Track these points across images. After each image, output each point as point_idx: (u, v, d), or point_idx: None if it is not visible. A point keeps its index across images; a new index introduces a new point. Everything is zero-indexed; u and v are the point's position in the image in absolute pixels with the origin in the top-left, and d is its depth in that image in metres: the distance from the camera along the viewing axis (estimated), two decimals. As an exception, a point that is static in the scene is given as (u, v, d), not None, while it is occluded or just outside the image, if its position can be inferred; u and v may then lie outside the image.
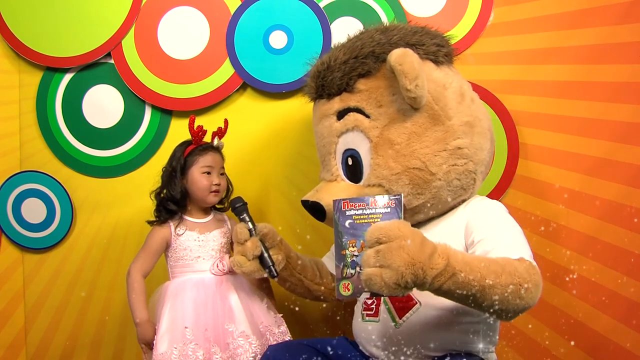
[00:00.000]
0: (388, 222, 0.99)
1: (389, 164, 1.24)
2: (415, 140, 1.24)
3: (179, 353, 1.34)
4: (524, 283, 1.02)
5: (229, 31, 1.75)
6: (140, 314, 1.43)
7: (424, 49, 1.28)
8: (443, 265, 0.95)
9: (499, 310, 1.02)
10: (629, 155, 1.57)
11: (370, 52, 1.27)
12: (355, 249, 1.09)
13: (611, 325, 1.56)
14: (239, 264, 1.34)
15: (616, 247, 1.57)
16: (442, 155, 1.23)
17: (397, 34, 1.28)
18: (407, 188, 1.23)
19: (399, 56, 1.18)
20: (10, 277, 1.83)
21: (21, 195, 1.82)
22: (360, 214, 1.10)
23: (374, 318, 1.29)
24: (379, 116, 1.26)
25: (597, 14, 1.61)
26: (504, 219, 1.23)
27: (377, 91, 1.27)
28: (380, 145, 1.26)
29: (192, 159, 1.48)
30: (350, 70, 1.28)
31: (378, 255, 0.93)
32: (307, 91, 1.43)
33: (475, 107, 1.31)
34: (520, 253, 1.09)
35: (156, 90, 1.77)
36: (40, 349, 1.84)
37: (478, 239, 1.18)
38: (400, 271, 0.91)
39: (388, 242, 0.93)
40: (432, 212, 1.28)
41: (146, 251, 1.48)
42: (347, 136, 1.31)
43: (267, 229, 1.37)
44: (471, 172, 1.27)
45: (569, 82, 1.63)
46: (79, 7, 1.79)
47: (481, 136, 1.29)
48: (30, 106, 1.83)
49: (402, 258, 0.91)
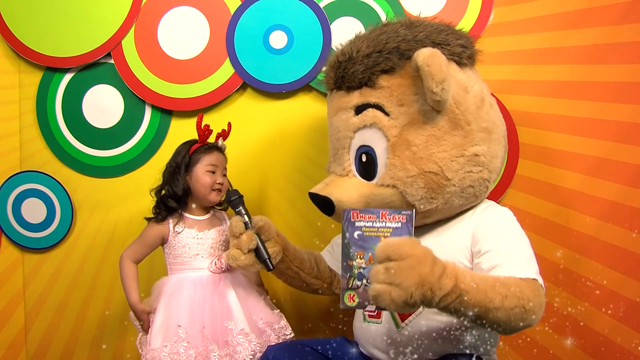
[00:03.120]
0: (400, 239, 0.99)
1: (405, 166, 1.22)
2: (433, 143, 1.21)
3: (169, 351, 1.34)
4: (528, 305, 1.04)
5: (229, 31, 1.75)
6: (131, 297, 1.47)
7: (449, 49, 1.24)
8: (451, 286, 0.96)
9: (501, 329, 1.05)
10: (629, 155, 1.57)
11: (395, 47, 1.22)
12: (362, 261, 1.08)
13: (611, 325, 1.56)
14: (234, 258, 1.33)
15: (616, 247, 1.57)
16: (459, 161, 1.21)
17: (423, 31, 1.24)
18: (422, 192, 1.21)
19: (428, 56, 1.14)
20: (10, 277, 1.83)
21: (21, 195, 1.82)
22: (370, 227, 1.08)
23: (376, 320, 1.29)
24: (399, 115, 1.23)
25: (597, 14, 1.61)
26: (511, 231, 1.22)
27: (400, 89, 1.23)
28: (397, 146, 1.23)
29: (197, 157, 1.49)
30: (374, 65, 1.24)
31: (388, 273, 0.93)
32: (325, 80, 1.38)
33: (493, 112, 1.29)
34: (528, 272, 1.11)
35: (156, 90, 1.77)
36: (40, 349, 1.84)
37: (485, 250, 1.17)
38: (410, 291, 0.92)
39: (399, 261, 0.93)
40: (441, 216, 1.27)
41: (140, 242, 1.50)
42: (364, 132, 1.27)
43: (262, 221, 1.36)
44: (485, 180, 1.25)
45: (569, 82, 1.63)
46: (79, 7, 1.78)
47: (497, 143, 1.27)
48: (30, 106, 1.83)
49: (413, 279, 0.92)
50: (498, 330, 1.06)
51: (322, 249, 1.56)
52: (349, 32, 1.69)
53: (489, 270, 1.14)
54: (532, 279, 1.10)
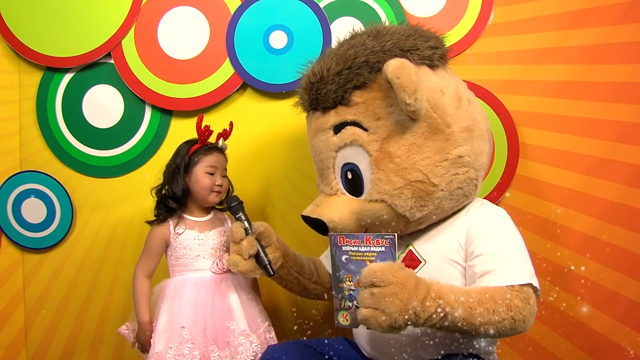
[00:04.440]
0: (383, 265, 1.04)
1: (390, 179, 1.21)
2: (415, 151, 1.20)
3: (174, 352, 1.34)
4: (518, 316, 1.08)
5: (229, 31, 1.75)
6: (140, 316, 1.44)
7: (419, 53, 1.23)
8: (434, 307, 1.01)
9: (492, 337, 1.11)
10: (629, 155, 1.57)
11: (364, 61, 1.21)
12: (351, 283, 1.14)
13: (611, 325, 1.56)
14: (235, 264, 1.34)
15: (616, 247, 1.57)
16: (443, 165, 1.20)
17: (390, 40, 1.23)
18: (410, 202, 1.20)
19: (396, 68, 1.13)
20: (10, 277, 1.84)
21: (21, 195, 1.82)
22: (355, 251, 1.13)
23: None
24: (378, 129, 1.22)
25: (597, 14, 1.61)
26: (504, 231, 1.22)
27: (374, 103, 1.22)
28: (380, 160, 1.22)
29: (196, 158, 1.48)
30: (345, 82, 1.23)
31: (373, 298, 1.00)
32: (300, 103, 1.37)
33: (472, 109, 1.28)
34: (521, 276, 1.12)
35: (156, 90, 1.77)
36: (40, 349, 1.84)
37: (478, 253, 1.18)
38: (394, 317, 0.98)
39: (382, 287, 0.99)
40: (434, 220, 1.26)
41: (147, 252, 1.49)
42: (346, 150, 1.26)
43: (263, 227, 1.37)
44: (473, 180, 1.25)
45: (569, 82, 1.63)
46: (79, 7, 1.79)
47: (480, 140, 1.27)
48: (30, 106, 1.83)
49: (396, 305, 0.98)
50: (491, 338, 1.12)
51: (319, 246, 1.56)
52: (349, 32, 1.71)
53: (482, 276, 1.15)
54: (525, 284, 1.11)
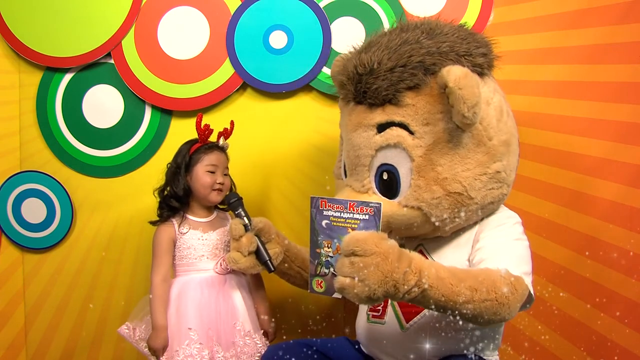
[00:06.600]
0: (366, 233, 0.98)
1: (430, 187, 1.17)
2: (457, 162, 1.17)
3: (183, 354, 1.34)
4: (501, 299, 1.03)
5: (229, 31, 1.75)
6: (156, 320, 1.40)
7: (472, 60, 1.19)
8: (414, 281, 0.96)
9: (474, 320, 1.05)
10: (629, 155, 1.57)
11: (420, 62, 1.15)
12: (330, 250, 1.10)
13: (611, 325, 1.56)
14: (235, 260, 1.34)
15: (616, 247, 1.57)
16: (482, 180, 1.18)
17: (445, 41, 1.18)
18: (446, 212, 1.18)
19: (460, 78, 1.08)
20: (10, 277, 1.83)
21: (21, 195, 1.82)
22: (337, 217, 1.09)
23: (379, 320, 1.29)
24: (424, 135, 1.17)
25: (597, 14, 1.62)
26: (509, 232, 1.22)
27: (425, 108, 1.16)
28: (422, 166, 1.17)
29: (197, 157, 1.48)
30: (398, 81, 1.16)
31: (353, 267, 0.94)
32: (341, 92, 1.29)
33: (511, 122, 1.26)
34: (514, 269, 1.08)
35: (156, 90, 1.77)
36: (40, 349, 1.84)
37: (478, 247, 1.18)
38: (373, 289, 0.93)
39: (364, 257, 0.94)
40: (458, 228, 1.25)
41: (157, 254, 1.46)
42: (387, 151, 1.20)
43: (262, 223, 1.36)
44: (504, 195, 1.25)
45: (569, 82, 1.63)
46: (79, 7, 1.78)
47: (514, 155, 1.25)
48: (30, 106, 1.82)
49: (376, 276, 0.93)
50: (472, 322, 1.06)
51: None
52: (349, 32, 1.71)
53: (477, 265, 1.14)
54: (515, 275, 1.08)
